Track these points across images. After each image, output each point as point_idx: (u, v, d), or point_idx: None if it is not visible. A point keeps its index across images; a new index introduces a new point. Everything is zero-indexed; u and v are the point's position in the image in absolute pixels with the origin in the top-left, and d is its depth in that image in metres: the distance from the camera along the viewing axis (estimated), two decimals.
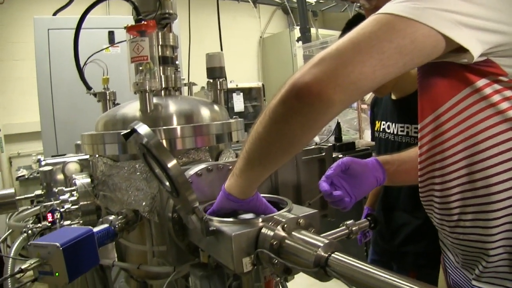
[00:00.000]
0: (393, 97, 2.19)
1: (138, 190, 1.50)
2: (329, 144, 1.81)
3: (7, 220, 2.44)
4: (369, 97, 4.91)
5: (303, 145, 1.02)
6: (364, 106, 4.91)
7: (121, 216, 1.48)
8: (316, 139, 5.16)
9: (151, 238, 1.54)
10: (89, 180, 1.72)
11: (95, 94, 2.01)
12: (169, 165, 1.02)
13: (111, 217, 1.46)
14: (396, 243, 2.24)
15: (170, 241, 1.38)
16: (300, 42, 6.93)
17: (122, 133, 1.08)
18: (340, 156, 1.65)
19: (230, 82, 6.57)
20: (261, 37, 8.42)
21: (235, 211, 1.22)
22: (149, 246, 1.55)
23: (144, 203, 1.47)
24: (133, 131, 1.07)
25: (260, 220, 1.09)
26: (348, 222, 1.38)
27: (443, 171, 1.14)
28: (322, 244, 0.93)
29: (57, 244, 1.09)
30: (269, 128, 0.97)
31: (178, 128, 1.51)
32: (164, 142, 1.48)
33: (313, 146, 1.78)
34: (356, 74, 0.88)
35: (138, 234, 1.58)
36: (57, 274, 1.10)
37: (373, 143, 2.45)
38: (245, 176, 1.09)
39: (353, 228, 1.36)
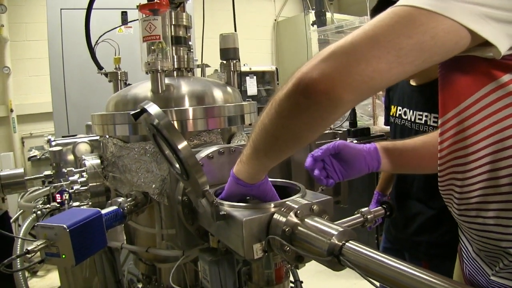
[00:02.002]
0: (413, 82, 2.14)
1: (148, 172, 1.48)
2: (344, 129, 1.78)
3: (19, 200, 2.45)
4: None
5: (309, 141, 0.98)
6: (379, 92, 4.84)
7: (130, 198, 1.47)
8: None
9: (160, 221, 1.53)
10: (98, 161, 1.71)
11: (106, 74, 2.00)
12: (180, 146, 1.00)
13: (120, 199, 1.45)
14: (409, 232, 2.21)
15: (180, 224, 1.36)
16: (315, 26, 6.86)
17: (131, 113, 1.07)
18: (355, 141, 1.62)
19: (244, 65, 6.53)
20: (275, 20, 8.35)
21: (245, 197, 1.20)
22: (158, 229, 1.53)
23: (154, 186, 1.45)
24: (143, 111, 1.05)
25: (273, 205, 1.07)
26: (363, 209, 1.35)
27: (465, 167, 1.10)
28: (336, 232, 0.91)
29: (64, 225, 1.08)
30: (274, 121, 0.94)
31: (190, 109, 1.48)
32: (175, 123, 1.46)
33: (327, 131, 1.75)
34: (369, 72, 0.82)
35: (147, 216, 1.56)
36: (63, 256, 1.09)
37: (388, 128, 2.41)
38: (252, 164, 1.07)
39: (368, 216, 1.33)
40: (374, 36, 0.83)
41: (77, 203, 1.66)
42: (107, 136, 1.65)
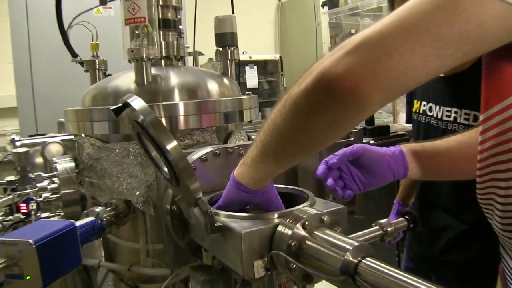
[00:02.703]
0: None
1: (131, 177, 1.50)
2: (359, 128, 1.79)
3: None
4: None
5: (328, 144, 0.99)
6: None
7: (110, 208, 1.48)
8: None
9: (146, 234, 1.54)
10: (73, 164, 1.72)
11: (82, 63, 2.01)
12: (169, 147, 1.01)
13: (98, 209, 1.46)
14: (435, 250, 2.20)
15: (168, 238, 1.37)
16: (326, 8, 6.87)
17: (112, 108, 1.08)
18: (372, 142, 1.63)
19: (243, 53, 6.53)
20: (279, 1, 8.36)
21: (245, 206, 1.21)
22: (143, 244, 1.55)
23: (138, 193, 1.47)
24: (126, 105, 1.06)
25: (276, 215, 1.08)
26: (382, 221, 1.36)
27: (509, 174, 1.10)
28: (351, 247, 0.92)
29: (30, 241, 1.06)
30: (289, 121, 0.94)
31: (180, 104, 1.50)
32: (163, 120, 1.47)
33: None
34: (402, 68, 0.81)
35: (130, 229, 1.58)
36: (28, 277, 1.07)
37: (410, 126, 2.41)
38: (257, 168, 1.08)
39: (388, 229, 1.34)
40: (408, 25, 0.81)
41: (46, 214, 1.67)
42: (83, 135, 1.66)
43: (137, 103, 1.04)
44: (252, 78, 6.81)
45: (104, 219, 1.43)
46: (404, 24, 0.81)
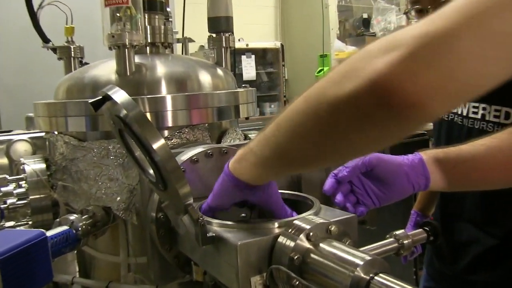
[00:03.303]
0: None
1: (111, 181, 1.50)
2: None
3: None
4: None
5: (361, 156, 0.98)
6: None
7: (86, 216, 1.49)
8: None
9: (127, 246, 1.54)
10: (44, 165, 1.72)
11: (54, 49, 2.00)
12: (155, 146, 1.01)
13: (73, 217, 1.46)
14: (460, 268, 2.19)
15: (153, 250, 1.38)
16: None
17: (90, 101, 1.08)
18: None
19: (239, 40, 6.53)
20: None
21: (240, 210, 1.22)
22: (124, 257, 1.55)
23: (118, 198, 1.47)
24: (106, 98, 1.06)
25: (277, 225, 1.09)
26: (398, 232, 1.36)
27: None
28: (362, 262, 0.92)
29: None
30: (319, 127, 0.88)
31: (168, 97, 1.51)
32: (148, 116, 1.48)
33: None
34: (477, 77, 0.75)
35: (109, 240, 1.59)
36: None
37: (430, 125, 2.41)
38: (265, 168, 1.08)
39: (405, 242, 1.34)
40: (483, 20, 0.72)
41: (11, 223, 1.66)
42: (56, 133, 1.67)
43: (119, 95, 1.04)
44: (249, 68, 6.81)
45: (80, 229, 1.43)
46: (475, 15, 0.72)
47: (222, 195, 1.17)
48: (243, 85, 1.82)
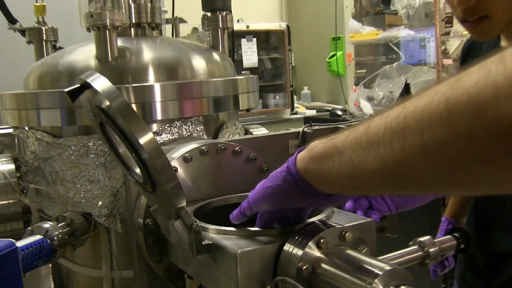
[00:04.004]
0: (503, 43, 2.13)
1: (91, 183, 1.51)
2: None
3: None
4: (456, 46, 4.84)
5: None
6: (448, 62, 4.84)
7: (63, 223, 1.49)
8: (369, 109, 5.13)
9: (110, 257, 1.55)
10: (12, 166, 1.72)
11: (22, 31, 2.00)
12: (142, 141, 1.01)
13: (47, 225, 1.46)
14: (498, 283, 2.19)
15: (140, 262, 1.39)
16: None
17: (66, 90, 1.07)
18: None
19: (238, 21, 6.53)
20: None
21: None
22: (107, 271, 1.55)
23: (100, 203, 1.47)
24: (85, 86, 1.06)
25: (282, 230, 1.10)
26: (423, 239, 1.36)
27: None
28: (381, 272, 0.93)
29: None
30: (468, 152, 0.76)
31: (156, 86, 1.52)
32: (134, 107, 1.48)
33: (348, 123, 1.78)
34: None
35: (90, 251, 1.59)
36: None
37: None
38: (363, 181, 0.96)
39: (431, 250, 1.34)
40: None
41: None
42: (27, 128, 1.66)
43: (100, 83, 1.04)
44: (250, 54, 6.80)
45: (55, 238, 1.43)
46: None
47: (281, 201, 1.11)
48: (243, 72, 1.81)
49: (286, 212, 1.13)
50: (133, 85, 1.51)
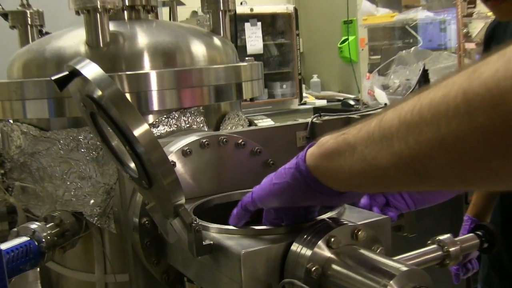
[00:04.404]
0: None
1: (82, 179, 1.51)
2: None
3: None
4: (479, 29, 4.82)
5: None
6: (471, 46, 4.83)
7: (52, 224, 1.49)
8: (384, 98, 5.12)
9: (104, 260, 1.55)
10: None
11: (5, 15, 1.99)
12: (137, 133, 1.01)
13: (35, 225, 1.46)
14: None
15: (136, 265, 1.39)
16: None
17: (54, 78, 1.07)
18: None
19: (241, 4, 6.53)
20: None
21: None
22: (100, 275, 1.56)
23: (92, 201, 1.47)
24: (74, 74, 1.05)
25: (290, 229, 1.10)
26: (443, 237, 1.35)
27: None
28: (396, 273, 0.93)
29: None
30: (489, 145, 0.76)
31: (152, 74, 1.52)
32: (128, 97, 1.48)
33: (379, 110, 1.77)
34: None
35: (82, 254, 1.60)
36: None
37: None
38: (377, 178, 0.97)
39: (451, 249, 1.33)
40: None
41: None
42: (11, 121, 1.66)
43: (91, 70, 1.03)
44: (254, 39, 6.79)
45: (43, 240, 1.43)
46: None
47: (289, 199, 1.11)
48: (247, 58, 1.81)
49: (294, 209, 1.13)
50: (127, 73, 1.51)
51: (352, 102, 6.22)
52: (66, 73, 1.06)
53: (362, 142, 0.95)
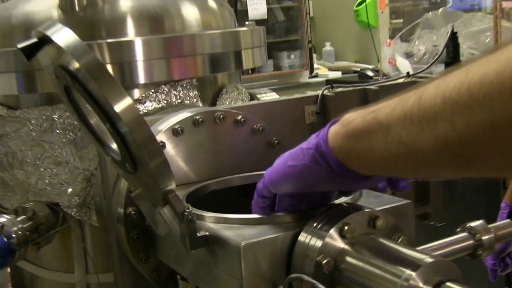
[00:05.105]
0: None
1: (58, 165, 1.51)
2: (432, 77, 1.79)
3: None
4: None
5: None
6: (510, 5, 4.81)
7: (23, 217, 1.49)
8: (408, 68, 5.12)
9: (84, 258, 1.55)
10: None
11: None
12: (118, 108, 1.00)
13: (3, 219, 1.47)
14: None
15: (122, 262, 1.39)
16: None
17: (20, 46, 1.07)
18: None
19: None
20: None
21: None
22: (81, 275, 1.56)
23: (70, 190, 1.48)
24: (44, 41, 1.05)
25: (296, 217, 1.10)
26: (474, 224, 1.35)
27: None
28: (420, 265, 0.93)
29: None
30: None
31: (138, 42, 1.51)
32: (110, 69, 1.48)
33: (401, 80, 1.77)
34: None
35: (59, 251, 1.61)
36: None
37: None
38: (416, 162, 0.97)
39: (484, 237, 1.33)
40: None
41: None
42: None
43: (63, 36, 1.02)
44: (257, 2, 6.76)
45: (14, 236, 1.43)
46: None
47: (306, 184, 1.11)
48: (247, 23, 1.81)
49: (311, 194, 1.13)
50: (108, 40, 1.50)
51: (370, 73, 6.21)
52: (34, 40, 1.05)
53: (398, 123, 0.94)
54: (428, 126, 0.89)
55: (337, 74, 7.13)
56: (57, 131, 1.51)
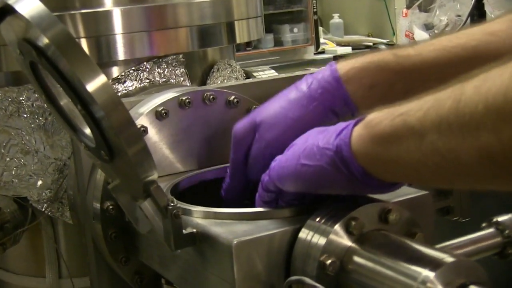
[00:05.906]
0: None
1: (26, 154, 1.50)
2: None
3: None
4: None
5: None
6: None
7: None
8: (425, 34, 5.11)
9: (57, 260, 1.55)
10: None
11: None
12: (91, 87, 1.00)
13: None
14: None
15: (99, 265, 1.39)
16: None
17: None
18: None
19: None
20: None
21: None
22: (53, 279, 1.56)
23: (40, 183, 1.48)
24: (6, 11, 1.05)
25: (296, 211, 1.10)
26: (502, 218, 1.35)
27: None
28: (440, 265, 0.92)
29: None
30: None
31: (116, 12, 1.51)
32: (84, 43, 1.48)
33: None
34: None
35: (28, 253, 1.61)
36: None
37: None
38: (459, 175, 0.97)
39: None
40: None
41: None
42: None
43: (28, 5, 1.02)
44: None
45: None
46: None
47: (319, 186, 1.11)
48: None
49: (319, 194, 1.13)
50: (82, 11, 1.50)
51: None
52: None
53: (433, 130, 0.93)
54: (470, 136, 0.88)
55: (347, 50, 7.11)
56: (25, 115, 1.50)
